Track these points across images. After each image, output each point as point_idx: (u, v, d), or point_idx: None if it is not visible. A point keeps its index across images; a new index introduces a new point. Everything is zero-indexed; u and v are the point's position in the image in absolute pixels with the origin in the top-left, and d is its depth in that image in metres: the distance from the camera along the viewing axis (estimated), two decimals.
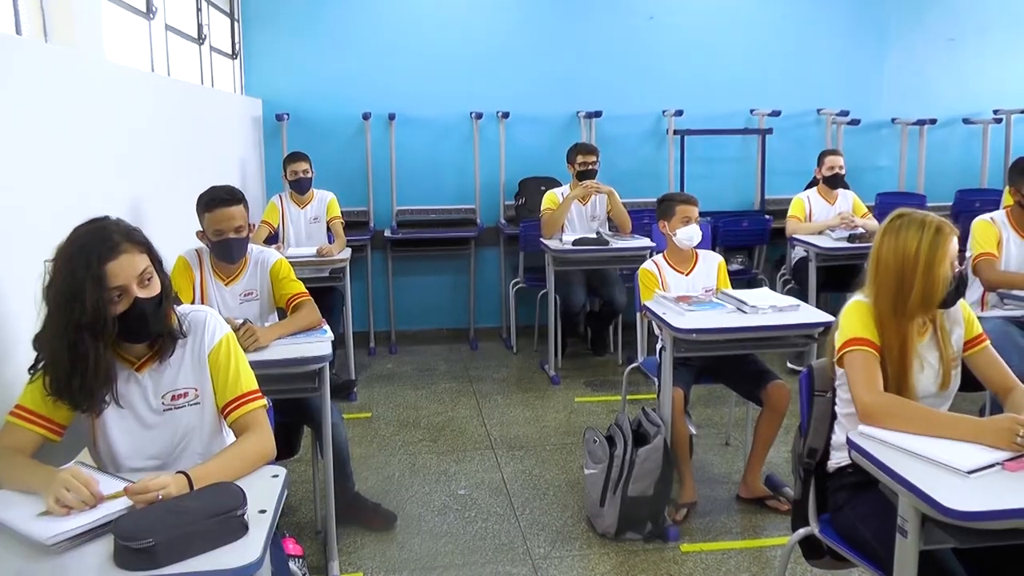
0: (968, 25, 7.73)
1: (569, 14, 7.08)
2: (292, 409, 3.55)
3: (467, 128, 7.06)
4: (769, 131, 7.26)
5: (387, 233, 6.82)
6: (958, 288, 2.64)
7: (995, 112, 7.71)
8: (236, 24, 6.66)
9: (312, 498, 4.09)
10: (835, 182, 6.29)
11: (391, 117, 6.90)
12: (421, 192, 7.05)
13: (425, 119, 7.02)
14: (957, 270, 2.61)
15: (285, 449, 3.67)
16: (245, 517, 1.93)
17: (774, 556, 3.67)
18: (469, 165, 7.08)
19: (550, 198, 6.20)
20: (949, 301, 2.64)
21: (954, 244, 2.60)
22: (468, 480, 4.47)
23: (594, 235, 6.01)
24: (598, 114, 7.00)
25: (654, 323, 4.04)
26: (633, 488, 3.75)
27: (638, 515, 3.80)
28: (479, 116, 6.98)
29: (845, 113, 7.37)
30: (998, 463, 2.23)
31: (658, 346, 4.19)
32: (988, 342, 2.77)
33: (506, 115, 7.01)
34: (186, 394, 2.37)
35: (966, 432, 2.35)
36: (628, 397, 4.92)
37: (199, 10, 5.61)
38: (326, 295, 5.48)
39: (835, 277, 5.85)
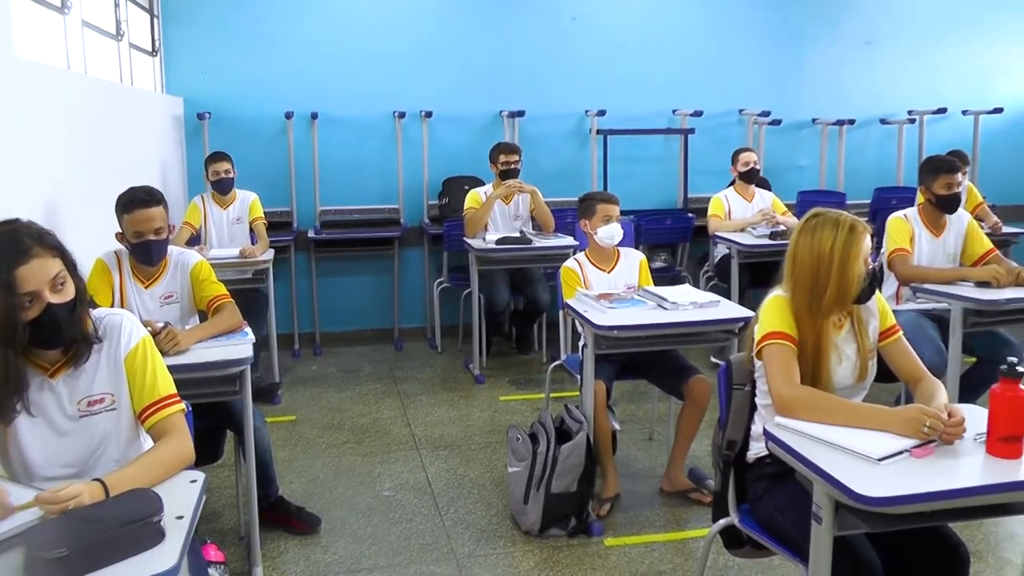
0: (883, 29, 7.94)
1: (492, 14, 7.10)
2: (214, 413, 3.49)
3: (390, 127, 7.02)
4: (691, 131, 7.36)
5: (310, 234, 6.76)
6: (871, 284, 2.71)
7: (910, 113, 7.95)
8: (156, 20, 6.52)
9: (235, 503, 4.03)
10: (750, 177, 6.46)
11: (314, 116, 6.84)
12: (344, 192, 7.00)
13: (348, 118, 6.97)
14: (870, 267, 2.68)
15: (208, 454, 3.63)
16: (161, 524, 1.90)
17: (697, 548, 3.72)
18: (392, 165, 7.04)
19: (473, 197, 6.21)
20: (863, 297, 2.71)
21: (867, 242, 2.67)
22: (393, 481, 4.45)
23: (517, 234, 6.04)
24: (521, 113, 7.02)
25: (576, 321, 4.07)
26: (556, 484, 3.77)
27: (562, 511, 3.82)
28: (402, 115, 6.96)
29: (766, 114, 7.50)
30: (906, 450, 2.31)
31: (580, 343, 4.22)
32: (901, 333, 2.86)
33: (429, 114, 6.99)
34: (102, 400, 2.32)
35: (877, 422, 2.43)
36: (552, 395, 4.94)
37: (117, 5, 5.48)
38: (249, 297, 5.41)
39: (761, 274, 5.95)
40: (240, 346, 3.38)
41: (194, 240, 5.74)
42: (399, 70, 6.99)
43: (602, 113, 7.17)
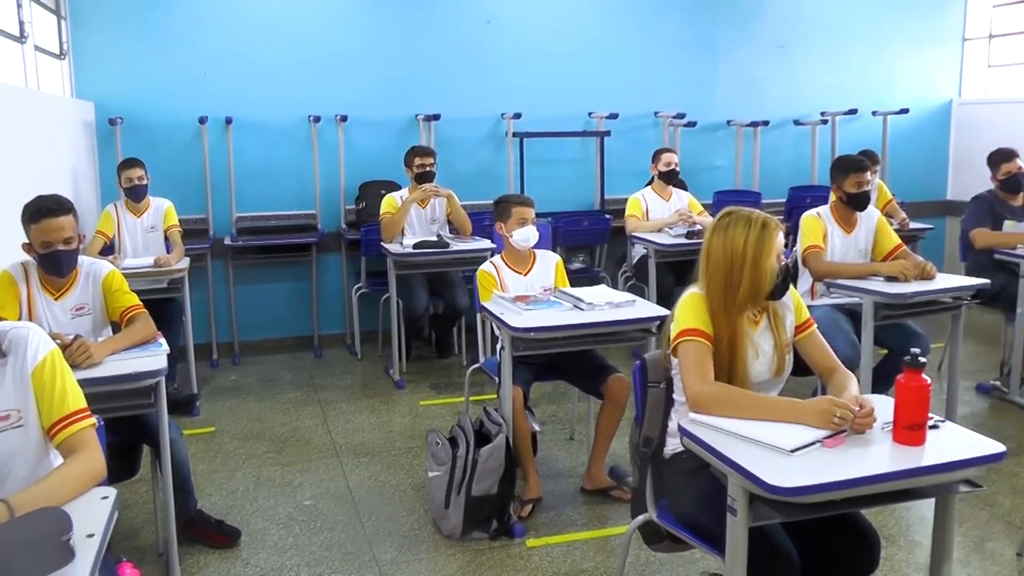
0: (795, 33, 8.11)
1: (406, 17, 7.06)
2: (129, 427, 3.41)
3: (305, 132, 6.94)
4: (607, 133, 7.41)
5: (227, 241, 6.65)
6: (784, 280, 2.75)
7: (822, 114, 8.13)
8: (63, 22, 6.32)
9: (153, 519, 3.94)
10: (670, 177, 6.55)
11: (228, 121, 6.72)
12: (261, 198, 6.90)
13: (263, 123, 6.87)
14: (783, 263, 2.73)
15: (124, 470, 3.56)
16: (71, 543, 1.84)
17: (618, 544, 3.74)
18: (309, 170, 6.96)
19: (389, 202, 6.18)
20: (777, 293, 2.76)
21: (779, 239, 2.72)
22: (314, 490, 4.40)
23: (434, 238, 6.03)
24: (437, 117, 7.00)
25: (493, 323, 4.08)
26: (477, 487, 3.78)
27: (483, 514, 3.82)
28: (317, 120, 6.88)
29: (681, 116, 7.60)
30: (818, 441, 2.36)
31: (498, 346, 4.23)
32: (815, 327, 2.93)
33: (344, 118, 6.92)
34: (8, 416, 2.24)
35: (789, 414, 2.48)
36: (472, 398, 4.93)
37: (20, 6, 5.26)
38: (165, 307, 5.31)
39: (682, 273, 6.03)
40: (154, 357, 3.31)
41: (108, 250, 5.59)
42: (314, 74, 6.91)
43: (518, 116, 7.19)
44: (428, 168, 6.19)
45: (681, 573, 3.57)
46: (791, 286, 2.88)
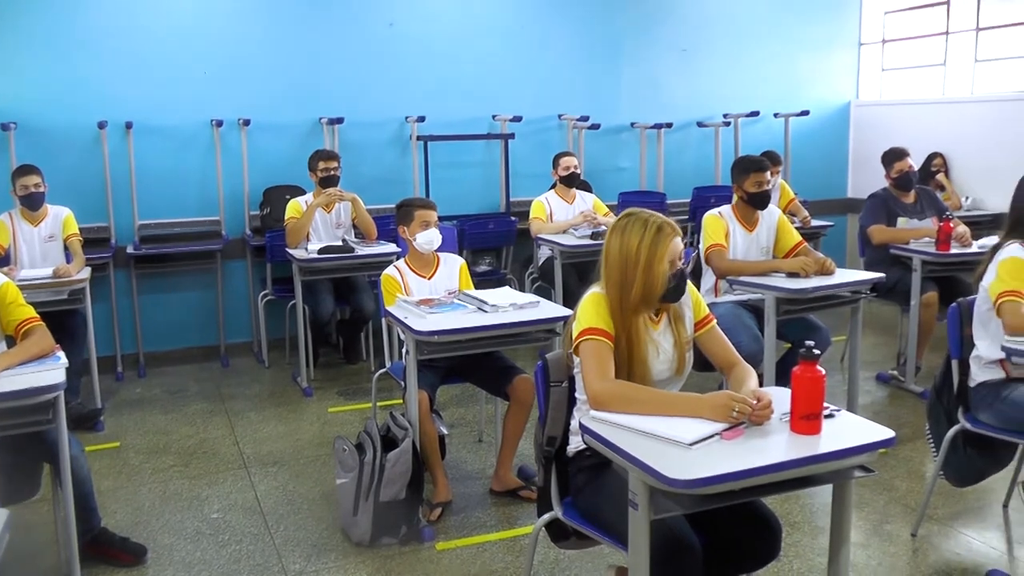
0: (698, 37, 8.24)
1: (309, 19, 6.97)
2: (27, 445, 3.30)
3: (208, 136, 6.79)
4: (511, 136, 7.42)
5: (129, 249, 6.46)
6: (678, 286, 2.77)
7: (725, 116, 8.28)
8: None
9: (55, 540, 3.79)
10: (571, 181, 6.60)
11: (128, 126, 6.53)
12: (164, 205, 6.72)
13: (164, 127, 6.69)
14: (677, 268, 2.75)
15: (24, 489, 3.43)
16: None
17: (528, 544, 3.72)
18: (212, 175, 6.82)
19: (294, 207, 6.10)
20: (669, 297, 2.78)
21: (675, 244, 2.74)
22: (221, 503, 4.31)
23: (340, 243, 5.97)
24: (340, 120, 6.93)
25: (398, 328, 4.05)
26: (385, 493, 3.74)
27: (392, 519, 3.79)
28: (219, 124, 6.74)
29: (585, 118, 7.65)
30: (717, 434, 2.40)
31: (403, 350, 4.20)
32: (715, 322, 2.97)
33: (247, 122, 6.79)
34: None
35: (688, 409, 2.51)
36: (379, 403, 4.90)
37: None
38: (66, 319, 5.15)
39: (587, 274, 6.04)
40: (52, 372, 3.20)
41: (3, 261, 5.39)
42: (216, 77, 6.77)
43: (422, 119, 7.15)
44: (332, 172, 6.14)
45: (590, 568, 3.59)
46: (690, 285, 2.91)
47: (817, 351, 2.42)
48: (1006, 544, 3.83)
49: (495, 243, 7.10)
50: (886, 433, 2.43)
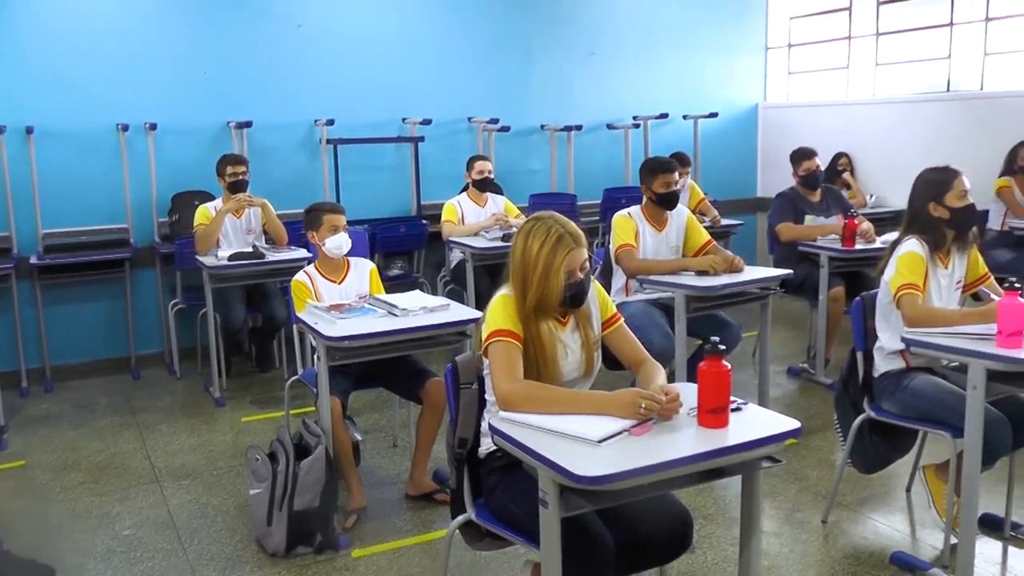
0: (606, 41, 8.33)
1: (214, 20, 6.84)
2: None
3: (113, 141, 6.62)
4: (421, 139, 7.39)
5: (33, 259, 6.26)
6: (575, 295, 2.76)
7: (634, 118, 8.38)
8: None
9: None
10: (485, 185, 6.60)
11: (29, 131, 6.33)
12: (68, 213, 6.52)
13: (67, 132, 6.49)
14: (575, 279, 2.74)
15: None
16: None
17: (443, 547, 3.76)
18: (118, 181, 6.64)
19: (203, 213, 6.00)
20: (567, 305, 2.78)
21: (574, 255, 2.72)
22: (133, 519, 4.20)
23: (250, 249, 5.88)
24: (249, 124, 6.83)
25: (308, 334, 4.01)
26: (299, 502, 3.69)
27: (306, 528, 3.74)
28: (125, 128, 6.57)
29: (495, 121, 7.67)
30: (625, 430, 2.42)
31: (314, 356, 4.16)
32: (622, 321, 2.99)
33: (154, 127, 6.65)
34: None
35: (596, 407, 2.53)
36: (292, 411, 4.83)
37: None
38: None
39: (499, 276, 6.04)
40: None
41: None
42: (120, 80, 6.60)
43: (331, 122, 7.08)
44: (241, 177, 6.05)
45: (506, 569, 3.60)
46: (597, 285, 2.93)
47: (723, 347, 2.46)
48: (909, 527, 3.97)
49: (407, 247, 7.08)
50: (791, 424, 2.47)
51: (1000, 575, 3.59)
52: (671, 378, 4.23)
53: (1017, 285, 3.20)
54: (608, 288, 4.96)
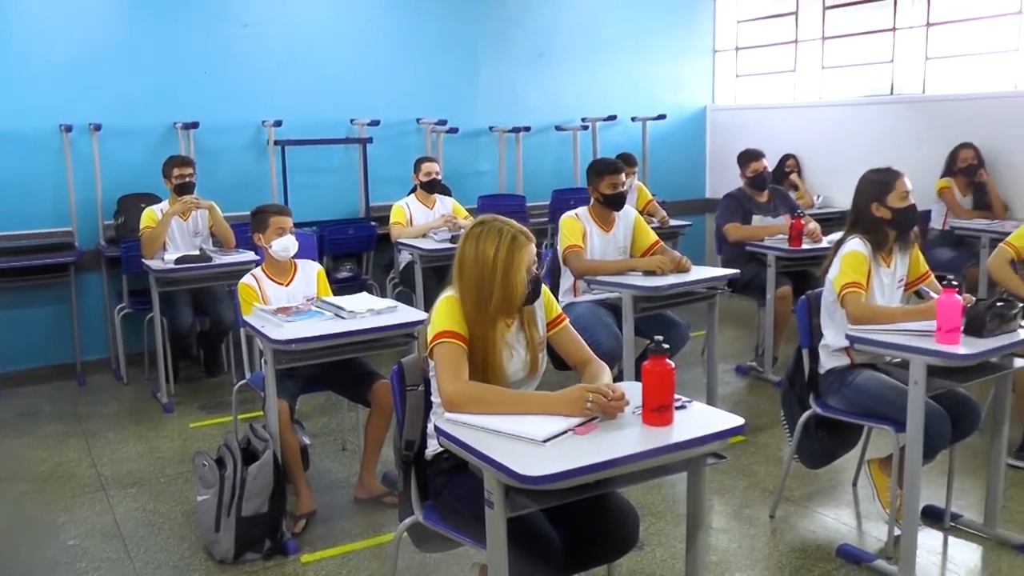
0: (555, 43, 8.38)
1: (159, 19, 6.75)
2: None
3: (57, 143, 6.50)
4: (369, 140, 7.37)
5: None
6: (535, 290, 2.81)
7: (583, 120, 8.42)
8: None
9: None
10: (432, 187, 6.61)
11: None
12: (11, 216, 6.38)
13: (9, 133, 6.36)
14: (533, 274, 2.78)
15: None
16: None
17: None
18: (62, 183, 6.52)
19: (149, 215, 5.93)
20: (529, 301, 2.82)
21: (530, 251, 2.77)
22: (78, 528, 4.12)
23: (197, 252, 5.82)
24: (195, 125, 6.75)
25: (255, 337, 3.98)
26: (247, 507, 3.65)
27: (255, 534, 3.70)
28: (69, 129, 6.46)
29: (443, 122, 7.66)
30: (570, 429, 2.43)
31: (262, 360, 4.13)
32: (568, 321, 3.01)
33: (98, 128, 6.54)
34: None
35: (542, 406, 2.54)
36: (240, 416, 4.76)
37: None
38: None
39: (448, 277, 6.05)
40: None
41: None
42: (63, 80, 6.49)
43: (279, 123, 7.03)
44: (187, 179, 5.98)
45: (456, 570, 3.59)
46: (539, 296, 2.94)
47: (666, 346, 2.47)
48: (855, 520, 4.04)
49: (355, 248, 7.06)
50: (735, 421, 2.50)
51: (941, 564, 3.67)
52: (619, 378, 4.29)
53: (954, 283, 3.29)
54: (556, 289, 4.99)
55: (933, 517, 3.89)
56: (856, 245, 3.70)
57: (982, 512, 3.84)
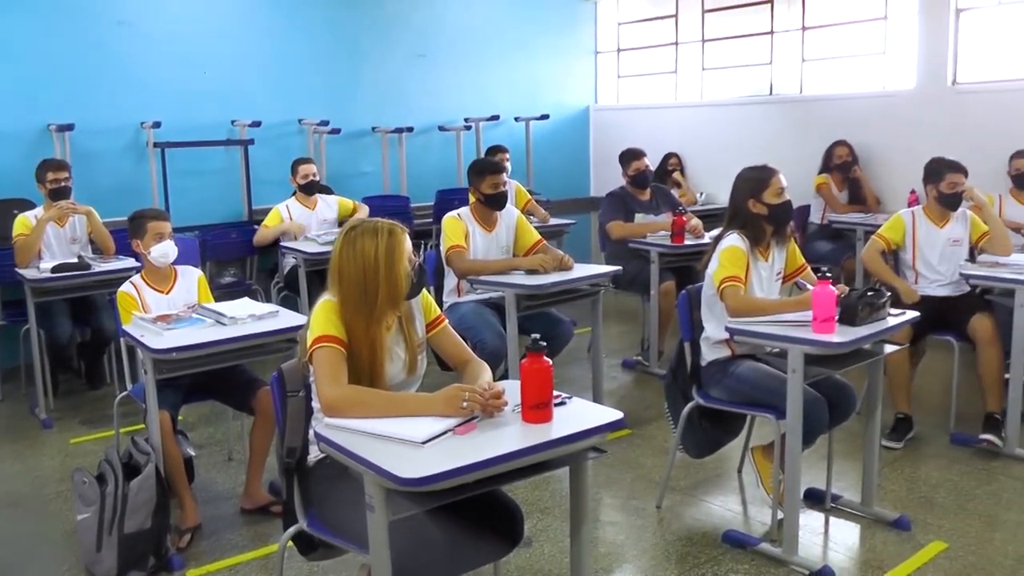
0: (437, 43, 8.40)
1: (30, 14, 6.48)
2: None
3: None
4: (251, 142, 7.27)
5: None
6: (420, 280, 2.83)
7: (466, 120, 8.46)
8: None
9: None
10: (310, 189, 6.60)
11: None
12: None
13: None
14: (414, 264, 2.80)
15: None
16: None
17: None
18: None
19: (22, 222, 5.71)
20: (413, 292, 2.84)
21: (407, 243, 2.80)
22: None
23: (75, 259, 5.62)
24: (71, 127, 6.52)
25: (135, 347, 3.89)
26: (129, 524, 3.55)
27: (139, 551, 3.60)
28: None
29: (325, 123, 7.61)
30: (450, 429, 2.44)
31: (141, 370, 4.03)
32: (447, 322, 3.03)
33: None
34: None
35: (421, 407, 2.56)
36: (123, 429, 4.60)
37: None
38: None
39: None
40: None
41: None
42: None
43: (158, 125, 6.87)
44: (63, 183, 5.78)
45: None
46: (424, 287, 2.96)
47: (544, 343, 2.50)
48: (741, 506, 4.17)
49: (239, 253, 6.95)
50: (614, 415, 2.55)
51: (823, 544, 3.82)
52: (505, 377, 4.33)
53: (829, 274, 3.43)
54: (440, 290, 5.01)
55: (814, 499, 4.04)
56: (734, 240, 3.81)
57: (859, 492, 4.00)
